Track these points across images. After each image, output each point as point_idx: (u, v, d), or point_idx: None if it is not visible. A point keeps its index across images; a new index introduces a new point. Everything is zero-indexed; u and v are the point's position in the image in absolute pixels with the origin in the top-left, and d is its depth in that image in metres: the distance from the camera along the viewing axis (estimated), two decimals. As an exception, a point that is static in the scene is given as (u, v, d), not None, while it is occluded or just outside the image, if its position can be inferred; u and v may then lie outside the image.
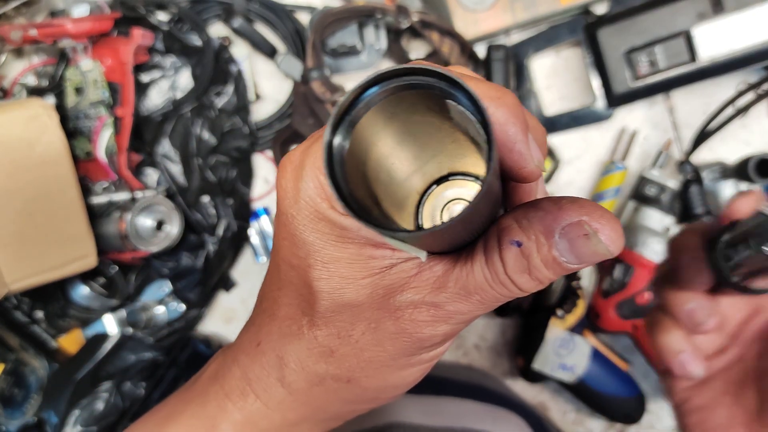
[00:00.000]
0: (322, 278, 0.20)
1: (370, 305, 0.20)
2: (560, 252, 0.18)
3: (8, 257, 0.46)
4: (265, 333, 0.23)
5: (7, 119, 0.46)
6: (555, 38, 0.56)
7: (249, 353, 0.24)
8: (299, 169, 0.19)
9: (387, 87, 0.16)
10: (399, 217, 0.21)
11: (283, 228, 0.21)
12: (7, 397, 0.52)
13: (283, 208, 0.20)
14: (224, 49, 0.56)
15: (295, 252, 0.21)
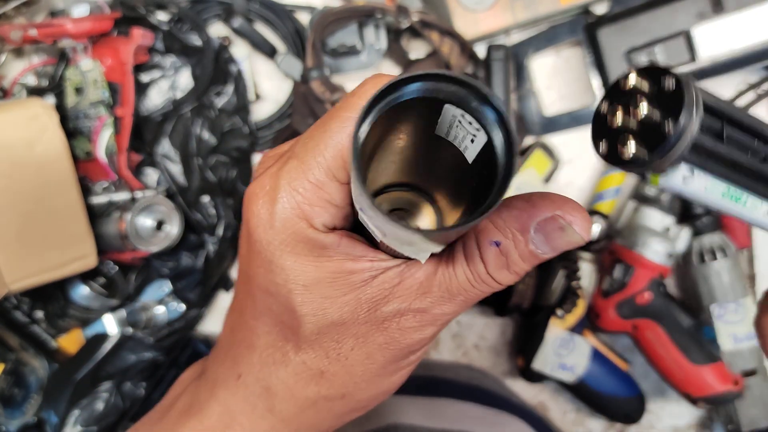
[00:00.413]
0: (304, 302, 0.20)
1: (356, 320, 0.20)
2: (536, 245, 0.19)
3: (8, 257, 0.46)
4: (246, 365, 0.22)
5: (7, 119, 0.46)
6: (555, 38, 0.56)
7: (229, 387, 0.23)
8: (273, 192, 0.19)
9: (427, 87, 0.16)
10: None
11: (257, 257, 0.20)
12: (7, 397, 0.52)
13: (256, 236, 0.20)
14: (224, 49, 0.56)
15: (272, 279, 0.20)
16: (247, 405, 0.23)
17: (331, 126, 0.19)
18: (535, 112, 0.58)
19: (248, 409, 0.23)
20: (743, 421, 0.55)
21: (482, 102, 0.17)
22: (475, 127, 0.17)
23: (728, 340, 0.54)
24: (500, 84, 0.54)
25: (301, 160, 0.19)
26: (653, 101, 0.19)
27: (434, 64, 0.56)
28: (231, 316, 0.24)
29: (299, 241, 0.19)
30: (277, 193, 0.19)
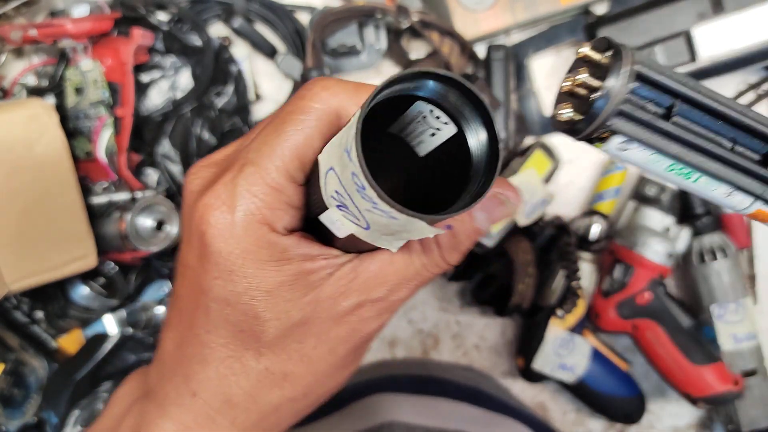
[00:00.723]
0: (268, 308, 0.20)
1: (317, 319, 0.21)
2: (480, 222, 0.21)
3: (8, 257, 0.46)
4: (200, 381, 0.22)
5: (6, 119, 0.46)
6: (555, 38, 0.57)
7: (183, 404, 0.22)
8: (231, 201, 0.19)
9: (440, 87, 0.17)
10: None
11: (213, 268, 0.20)
12: (7, 397, 0.52)
13: (215, 248, 0.19)
14: (224, 49, 0.56)
15: (231, 289, 0.20)
16: (206, 420, 0.22)
17: (286, 129, 0.19)
18: (535, 112, 0.58)
19: (207, 423, 0.22)
20: (743, 421, 0.55)
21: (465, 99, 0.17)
22: (443, 121, 0.18)
23: (728, 340, 0.54)
24: (500, 84, 0.54)
25: (258, 165, 0.19)
26: (596, 71, 0.20)
27: (434, 64, 0.56)
28: (174, 331, 0.23)
29: (261, 246, 0.19)
30: (237, 201, 0.19)
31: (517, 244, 0.53)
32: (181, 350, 0.22)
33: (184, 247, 0.21)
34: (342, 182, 0.17)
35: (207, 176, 0.21)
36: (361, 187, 0.16)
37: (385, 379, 0.55)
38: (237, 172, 0.19)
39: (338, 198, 0.18)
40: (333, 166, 0.17)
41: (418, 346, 0.62)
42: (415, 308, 0.62)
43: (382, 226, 0.18)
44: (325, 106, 0.19)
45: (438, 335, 0.62)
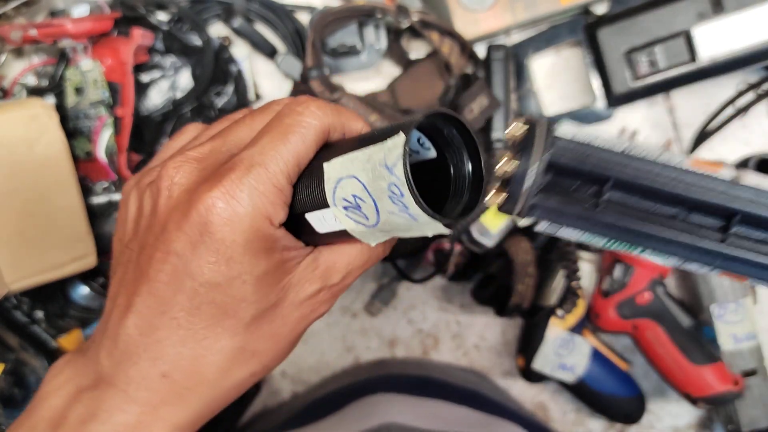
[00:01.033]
0: (255, 291, 0.23)
1: (285, 301, 0.24)
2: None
3: (8, 257, 0.46)
4: (174, 362, 0.23)
5: (6, 119, 0.46)
6: (555, 38, 0.57)
7: (150, 387, 0.23)
8: (240, 196, 0.22)
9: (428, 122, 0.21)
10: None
11: (212, 254, 0.22)
12: (7, 397, 0.52)
13: (219, 236, 0.22)
14: (224, 49, 0.56)
15: (225, 273, 0.22)
16: (174, 398, 0.23)
17: (291, 139, 0.23)
18: (535, 112, 0.58)
19: (175, 400, 0.23)
20: (743, 421, 0.55)
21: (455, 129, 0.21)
22: (426, 147, 0.22)
23: (728, 340, 0.54)
24: (500, 84, 0.54)
25: (266, 167, 0.22)
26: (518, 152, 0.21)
27: (434, 64, 0.56)
28: (140, 318, 0.23)
29: (259, 238, 0.22)
30: (245, 197, 0.22)
31: (517, 244, 0.53)
32: (149, 336, 0.23)
33: (171, 235, 0.22)
34: (369, 189, 0.20)
35: (193, 171, 0.23)
36: (400, 195, 0.19)
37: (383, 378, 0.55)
38: (245, 172, 0.22)
39: (352, 201, 0.21)
40: (356, 175, 0.20)
41: (418, 346, 0.62)
42: (415, 308, 0.62)
43: (393, 225, 0.21)
44: (320, 123, 0.23)
45: (438, 335, 0.62)
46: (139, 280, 0.23)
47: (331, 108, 0.24)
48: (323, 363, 0.62)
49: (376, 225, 0.21)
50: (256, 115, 0.25)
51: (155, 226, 0.23)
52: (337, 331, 0.62)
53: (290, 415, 0.54)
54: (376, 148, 0.20)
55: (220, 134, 0.25)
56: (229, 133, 0.24)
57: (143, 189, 0.25)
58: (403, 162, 0.19)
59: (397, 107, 0.56)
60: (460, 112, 0.53)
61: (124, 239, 0.26)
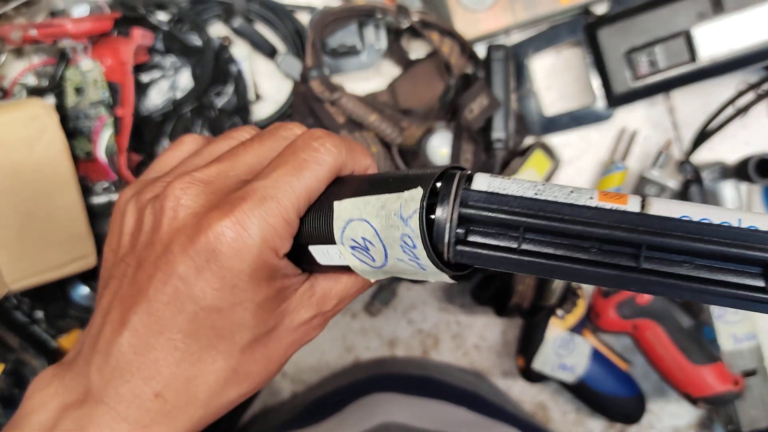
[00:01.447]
0: (255, 317, 0.23)
1: (281, 326, 0.25)
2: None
3: (8, 257, 0.46)
4: (167, 382, 0.23)
5: (6, 119, 0.46)
6: (555, 38, 0.57)
7: (142, 406, 0.23)
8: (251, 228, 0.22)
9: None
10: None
11: (217, 281, 0.22)
12: (7, 398, 0.52)
13: (227, 265, 0.22)
14: (224, 49, 0.56)
15: (228, 299, 0.22)
16: (165, 417, 0.23)
17: (305, 174, 0.23)
18: (535, 112, 0.58)
19: (166, 420, 0.23)
20: (743, 422, 0.55)
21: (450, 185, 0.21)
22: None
23: (728, 340, 0.54)
24: (500, 84, 0.54)
25: (278, 201, 0.22)
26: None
27: (434, 64, 0.56)
28: (136, 337, 0.23)
29: (264, 268, 0.23)
30: (256, 229, 0.22)
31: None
32: (144, 355, 0.23)
33: (175, 258, 0.22)
34: (380, 235, 0.21)
35: (201, 195, 0.23)
36: (412, 246, 0.20)
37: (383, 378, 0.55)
38: (258, 204, 0.22)
39: (361, 242, 0.22)
40: (368, 220, 0.21)
41: (418, 346, 0.62)
42: (415, 308, 0.62)
43: (399, 269, 0.22)
44: (334, 160, 0.24)
45: (438, 335, 0.62)
46: (135, 297, 0.23)
47: (345, 145, 0.24)
48: (323, 363, 0.62)
49: (381, 267, 0.22)
50: (264, 139, 0.25)
51: (156, 244, 0.23)
52: (337, 331, 0.62)
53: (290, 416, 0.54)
54: (391, 198, 0.21)
55: (227, 156, 0.25)
56: (237, 156, 0.24)
57: (144, 203, 0.25)
58: (420, 217, 0.20)
59: (397, 107, 0.56)
60: (460, 112, 0.53)
61: (119, 252, 0.25)
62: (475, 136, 0.54)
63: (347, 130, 0.53)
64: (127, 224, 0.25)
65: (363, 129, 0.53)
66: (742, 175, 0.54)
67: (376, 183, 0.22)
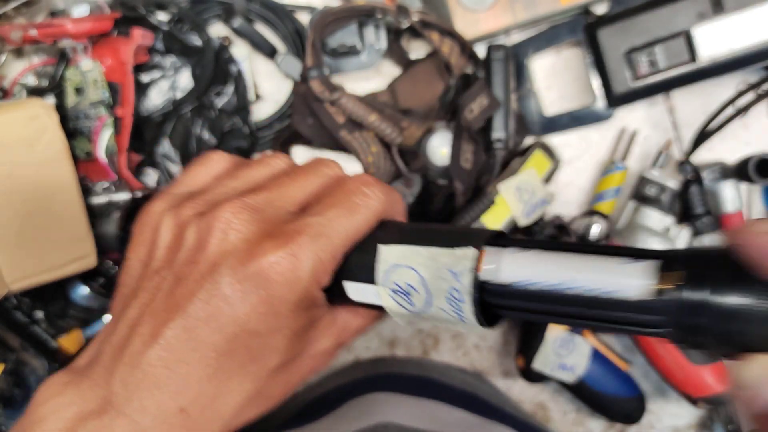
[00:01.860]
0: (289, 344, 0.24)
1: (303, 353, 0.26)
2: None
3: (8, 257, 0.46)
4: (194, 398, 0.23)
5: (6, 119, 0.46)
6: (555, 38, 0.57)
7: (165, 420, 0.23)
8: (304, 261, 0.23)
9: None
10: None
11: (263, 306, 0.23)
12: (7, 398, 0.52)
13: (275, 293, 0.23)
14: (224, 49, 0.56)
15: (269, 325, 0.23)
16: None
17: (356, 217, 0.25)
18: (535, 112, 0.58)
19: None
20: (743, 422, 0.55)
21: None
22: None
23: (728, 340, 0.54)
24: (500, 84, 0.54)
25: (330, 239, 0.24)
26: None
27: (434, 64, 0.56)
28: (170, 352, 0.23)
29: (307, 298, 0.24)
30: (307, 263, 0.23)
31: (517, 244, 0.53)
32: (174, 369, 0.23)
33: (223, 279, 0.23)
34: (427, 284, 0.22)
35: (252, 222, 0.24)
36: (459, 300, 0.21)
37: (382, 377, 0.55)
38: (313, 239, 0.23)
39: (404, 287, 0.23)
40: (416, 268, 0.23)
41: (418, 346, 0.62)
42: (415, 308, 0.62)
43: (436, 317, 0.23)
44: (382, 207, 0.25)
45: (438, 335, 0.62)
46: (171, 312, 0.23)
47: (392, 194, 0.26)
48: (323, 363, 0.62)
49: (418, 313, 0.23)
50: (309, 174, 0.26)
51: (201, 263, 0.24)
52: (337, 331, 0.62)
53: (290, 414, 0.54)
54: (443, 252, 0.22)
55: (273, 186, 0.26)
56: (283, 187, 0.26)
57: (185, 220, 0.25)
58: (472, 276, 0.21)
59: (397, 107, 0.56)
60: (460, 112, 0.53)
61: (151, 264, 0.25)
62: (475, 136, 0.54)
63: (347, 130, 0.53)
64: (163, 238, 0.25)
65: (363, 129, 0.53)
66: (742, 176, 0.54)
67: (421, 234, 0.24)
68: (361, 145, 0.54)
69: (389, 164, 0.55)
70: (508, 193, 0.52)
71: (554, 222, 0.56)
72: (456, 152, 0.54)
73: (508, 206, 0.53)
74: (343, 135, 0.53)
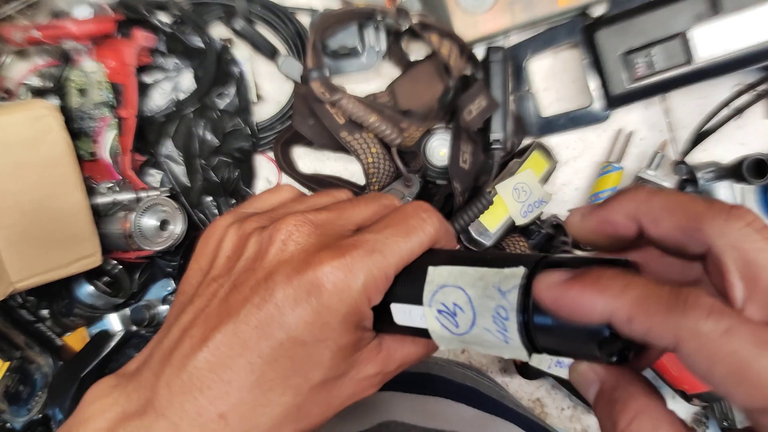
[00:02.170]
0: (333, 359, 0.24)
1: (346, 375, 0.26)
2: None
3: (14, 256, 0.46)
4: (234, 405, 0.23)
5: (11, 120, 0.47)
6: (553, 40, 0.57)
7: (205, 425, 0.23)
8: (358, 275, 0.24)
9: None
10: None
11: (311, 314, 0.23)
12: (13, 395, 0.52)
13: (326, 302, 0.23)
14: (226, 50, 0.57)
15: (316, 335, 0.23)
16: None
17: (411, 239, 0.25)
18: (533, 114, 0.58)
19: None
20: (738, 418, 0.56)
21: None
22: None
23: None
24: (499, 85, 0.55)
25: (385, 256, 0.24)
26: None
27: (433, 66, 0.56)
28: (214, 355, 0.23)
29: (355, 313, 0.24)
30: (361, 276, 0.24)
31: (515, 243, 0.54)
32: (219, 374, 0.23)
33: (277, 285, 0.23)
34: (473, 303, 0.23)
35: (312, 235, 0.25)
36: (504, 318, 0.21)
37: None
38: (367, 253, 0.24)
39: (450, 308, 0.23)
40: (463, 287, 0.23)
41: (417, 344, 0.63)
42: (414, 306, 0.62)
43: (478, 339, 0.23)
44: (435, 233, 0.26)
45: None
46: (223, 317, 0.24)
47: (446, 224, 0.27)
48: (324, 360, 0.62)
49: (461, 335, 0.23)
50: (369, 203, 0.27)
51: (258, 270, 0.24)
52: (338, 329, 0.62)
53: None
54: (491, 271, 0.22)
55: (335, 208, 0.27)
56: (344, 210, 0.27)
57: (248, 232, 0.26)
58: (519, 293, 0.21)
59: (397, 108, 0.57)
60: (459, 113, 0.53)
61: (211, 272, 0.26)
62: (474, 137, 0.55)
63: (347, 130, 0.54)
64: (225, 248, 0.26)
65: (363, 130, 0.54)
66: (737, 176, 0.55)
67: (471, 257, 0.24)
68: (362, 145, 0.54)
69: (389, 164, 0.55)
70: (506, 193, 0.53)
71: (551, 221, 0.57)
72: (455, 153, 0.54)
73: (506, 206, 0.53)
74: (343, 136, 0.54)
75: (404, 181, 0.54)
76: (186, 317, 0.25)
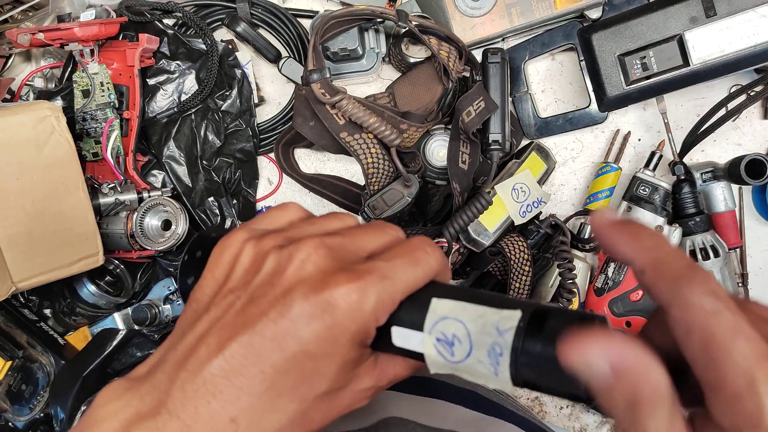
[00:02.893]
0: (337, 372, 0.26)
1: (346, 388, 0.28)
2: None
3: (17, 256, 0.47)
4: (245, 410, 0.25)
5: (15, 121, 0.47)
6: (550, 43, 0.58)
7: (215, 428, 0.24)
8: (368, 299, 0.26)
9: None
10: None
11: (323, 330, 0.25)
12: (15, 394, 0.53)
13: (338, 320, 0.25)
14: (228, 53, 0.57)
15: (324, 349, 0.25)
16: None
17: (417, 269, 0.27)
18: (531, 115, 0.59)
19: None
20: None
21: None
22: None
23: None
24: (497, 87, 0.55)
25: (394, 282, 0.26)
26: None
27: (433, 68, 0.57)
28: (228, 360, 0.25)
29: (362, 332, 0.26)
30: (373, 299, 0.25)
31: (513, 242, 0.54)
32: (232, 380, 0.25)
33: (294, 302, 0.25)
34: (472, 337, 0.25)
35: (328, 257, 0.27)
36: (499, 354, 0.24)
37: None
38: (380, 279, 0.26)
39: (449, 338, 0.25)
40: (464, 321, 0.25)
41: (416, 344, 0.63)
42: (414, 306, 0.63)
43: (469, 369, 0.25)
44: (438, 265, 0.28)
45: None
46: (239, 327, 0.25)
47: (445, 259, 0.29)
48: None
49: (455, 363, 0.26)
50: (377, 230, 0.30)
51: (277, 286, 0.26)
52: (338, 329, 0.63)
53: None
54: (491, 311, 0.25)
55: (347, 233, 0.29)
56: (356, 236, 0.29)
57: (266, 249, 0.27)
58: (515, 334, 0.24)
59: (397, 110, 0.57)
60: (457, 114, 0.54)
61: (227, 284, 0.28)
62: (473, 138, 0.55)
63: (347, 131, 0.54)
64: (243, 262, 0.28)
65: (363, 131, 0.55)
66: (734, 176, 0.56)
67: (471, 295, 0.26)
68: (361, 146, 0.55)
69: (388, 165, 0.56)
70: (504, 193, 0.54)
71: (549, 221, 0.57)
72: (454, 154, 0.55)
73: (504, 206, 0.54)
74: (343, 136, 0.54)
75: (403, 182, 0.55)
76: (201, 325, 0.26)
